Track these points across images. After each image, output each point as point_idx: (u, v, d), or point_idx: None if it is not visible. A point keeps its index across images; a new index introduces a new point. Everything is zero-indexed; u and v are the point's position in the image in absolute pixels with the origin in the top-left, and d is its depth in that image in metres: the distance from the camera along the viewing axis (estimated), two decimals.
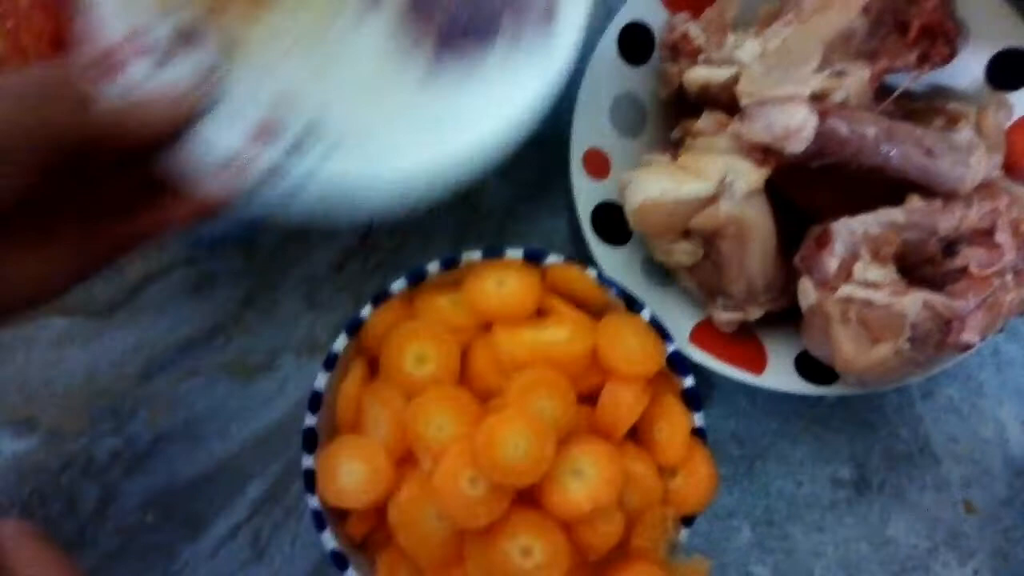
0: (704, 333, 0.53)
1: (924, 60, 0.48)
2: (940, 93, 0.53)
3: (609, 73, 0.54)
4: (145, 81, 0.39)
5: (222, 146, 0.41)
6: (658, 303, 0.52)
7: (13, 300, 0.39)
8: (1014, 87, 0.52)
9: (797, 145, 0.46)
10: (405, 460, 0.46)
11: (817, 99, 0.47)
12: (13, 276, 0.38)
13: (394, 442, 0.45)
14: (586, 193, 0.53)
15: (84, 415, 0.57)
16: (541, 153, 0.58)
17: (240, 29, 0.46)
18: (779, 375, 0.51)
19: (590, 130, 0.53)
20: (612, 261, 0.53)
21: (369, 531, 0.47)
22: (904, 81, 0.50)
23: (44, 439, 0.56)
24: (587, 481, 0.43)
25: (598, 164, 0.54)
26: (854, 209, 0.49)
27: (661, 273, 0.54)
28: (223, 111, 0.43)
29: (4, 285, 0.38)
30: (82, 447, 0.56)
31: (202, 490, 0.56)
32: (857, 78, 0.47)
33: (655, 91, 0.55)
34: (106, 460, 0.56)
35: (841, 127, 0.46)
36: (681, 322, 0.53)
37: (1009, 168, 0.51)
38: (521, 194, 0.60)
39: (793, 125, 0.46)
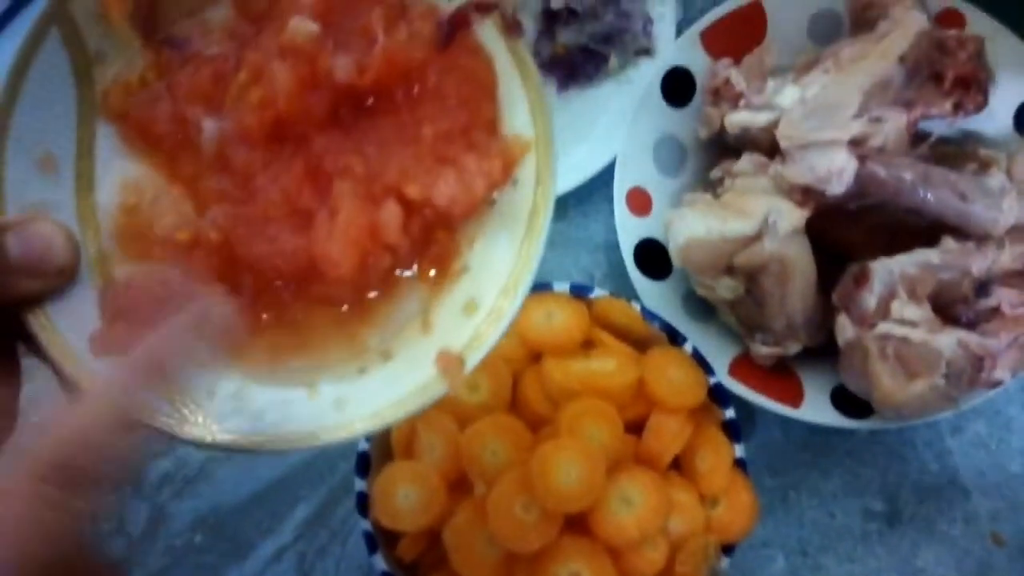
0: (743, 366, 0.54)
1: (958, 108, 0.50)
2: (971, 138, 0.55)
3: (653, 115, 0.56)
4: None
5: None
6: (698, 336, 0.54)
7: None
8: None
9: (838, 187, 0.48)
10: (457, 485, 0.47)
11: (856, 144, 0.49)
12: None
13: (447, 467, 0.47)
14: (630, 230, 0.55)
15: None
16: (579, 191, 0.60)
17: None
18: (816, 408, 0.53)
19: (634, 169, 0.56)
20: (654, 295, 0.55)
21: (419, 554, 0.49)
22: (938, 127, 0.53)
23: None
24: (635, 509, 0.45)
25: (641, 202, 0.56)
26: (887, 250, 0.51)
27: (701, 307, 0.55)
28: None
29: None
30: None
31: (250, 513, 0.58)
32: (894, 124, 0.49)
33: (696, 132, 0.57)
34: (157, 481, 0.58)
35: (880, 171, 0.48)
36: (720, 355, 0.54)
37: None
38: (560, 231, 0.62)
39: (834, 168, 0.48)
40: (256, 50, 0.30)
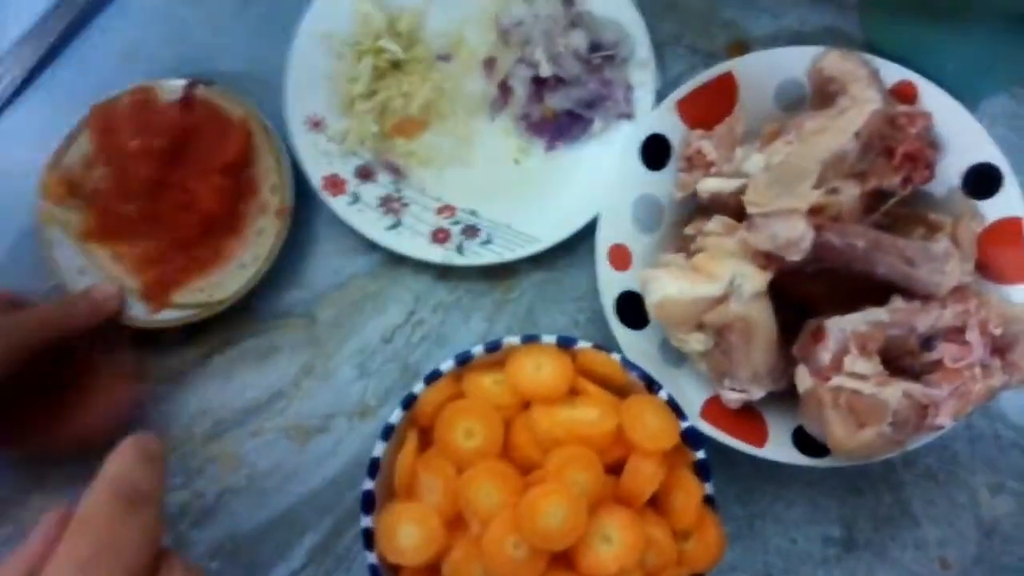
0: (713, 408, 0.60)
1: (907, 181, 0.55)
2: (921, 198, 0.61)
3: (632, 178, 0.61)
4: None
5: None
6: (673, 381, 0.59)
7: None
8: (985, 196, 0.60)
9: (796, 254, 0.53)
10: (454, 523, 0.52)
11: (814, 212, 0.54)
12: None
13: (446, 507, 0.52)
14: (610, 284, 0.60)
15: None
16: (566, 243, 0.65)
17: (404, 159, 0.68)
18: (778, 448, 0.58)
19: (615, 228, 0.61)
20: (633, 343, 0.60)
21: None
22: (891, 191, 0.58)
23: None
24: (614, 545, 0.50)
25: (621, 258, 0.61)
26: (844, 301, 0.56)
27: (676, 354, 0.61)
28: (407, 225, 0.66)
29: None
30: None
31: (262, 540, 0.63)
32: (849, 196, 0.54)
33: (671, 191, 0.62)
34: (176, 511, 0.63)
35: (834, 239, 0.53)
36: (693, 398, 0.60)
37: (982, 267, 0.59)
38: (548, 279, 0.67)
39: (793, 237, 0.53)
40: None
